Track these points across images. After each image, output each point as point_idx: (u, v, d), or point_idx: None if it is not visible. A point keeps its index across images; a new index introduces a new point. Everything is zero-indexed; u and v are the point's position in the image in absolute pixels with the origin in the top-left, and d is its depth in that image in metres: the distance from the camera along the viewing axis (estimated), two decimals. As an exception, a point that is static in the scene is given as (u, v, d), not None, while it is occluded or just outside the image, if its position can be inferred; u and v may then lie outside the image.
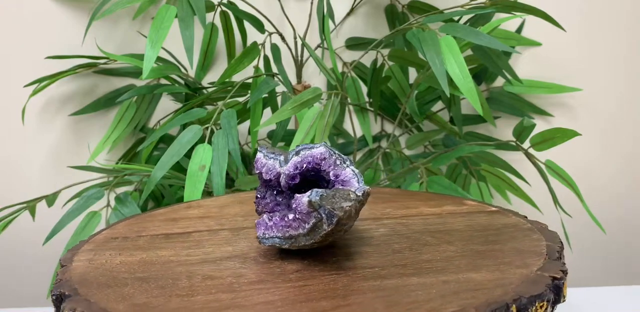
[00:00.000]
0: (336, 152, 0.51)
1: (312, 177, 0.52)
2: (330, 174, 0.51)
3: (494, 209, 0.59)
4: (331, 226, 0.45)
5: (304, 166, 0.51)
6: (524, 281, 0.42)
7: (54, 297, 0.45)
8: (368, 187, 0.48)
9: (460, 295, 0.40)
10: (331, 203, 0.45)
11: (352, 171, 0.51)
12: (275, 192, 0.53)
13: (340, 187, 0.50)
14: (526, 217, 0.57)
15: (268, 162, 0.52)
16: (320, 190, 0.46)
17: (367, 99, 1.03)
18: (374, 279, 0.44)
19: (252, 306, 0.41)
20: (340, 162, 0.51)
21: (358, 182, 0.50)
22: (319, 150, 0.51)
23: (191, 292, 0.43)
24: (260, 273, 0.47)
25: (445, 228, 0.54)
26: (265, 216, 0.49)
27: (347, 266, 0.47)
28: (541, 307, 0.40)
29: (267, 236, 0.49)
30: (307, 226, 0.46)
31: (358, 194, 0.47)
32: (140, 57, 0.99)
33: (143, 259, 0.51)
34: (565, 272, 0.44)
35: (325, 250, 0.51)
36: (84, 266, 0.50)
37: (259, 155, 0.53)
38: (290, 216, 0.47)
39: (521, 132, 0.81)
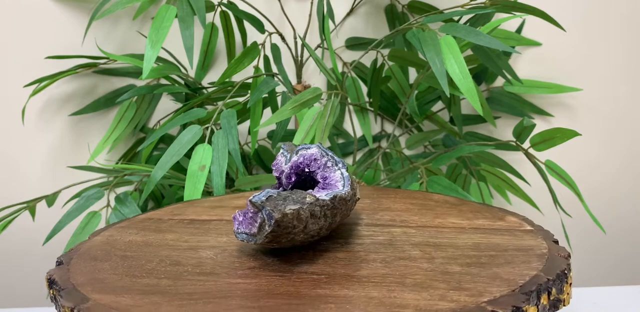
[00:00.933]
0: (329, 154, 0.51)
1: (308, 177, 0.53)
2: (319, 175, 0.51)
3: (528, 228, 0.55)
4: (271, 227, 0.45)
5: (298, 165, 0.52)
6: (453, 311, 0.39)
7: (57, 262, 0.51)
8: (347, 192, 0.48)
9: None
10: (274, 205, 0.45)
11: (341, 174, 0.51)
12: (282, 189, 0.53)
13: (322, 189, 0.50)
14: (557, 242, 0.52)
15: (279, 160, 0.53)
16: (273, 190, 0.47)
17: (367, 99, 1.03)
18: (307, 285, 0.44)
19: (173, 295, 0.43)
20: (332, 165, 0.51)
21: (343, 186, 0.50)
22: (312, 151, 0.52)
23: (145, 275, 0.47)
24: (219, 266, 0.49)
25: (445, 243, 0.52)
26: (239, 211, 0.50)
27: (300, 269, 0.47)
28: None
29: (239, 231, 0.49)
30: (255, 225, 0.46)
31: (319, 197, 0.47)
32: (140, 57, 0.99)
33: (147, 240, 0.55)
34: (520, 310, 0.40)
35: (302, 251, 0.51)
36: (100, 240, 0.55)
37: (279, 151, 0.55)
38: (249, 214, 0.48)
39: (521, 132, 0.81)
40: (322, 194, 0.48)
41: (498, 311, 0.39)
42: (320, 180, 0.51)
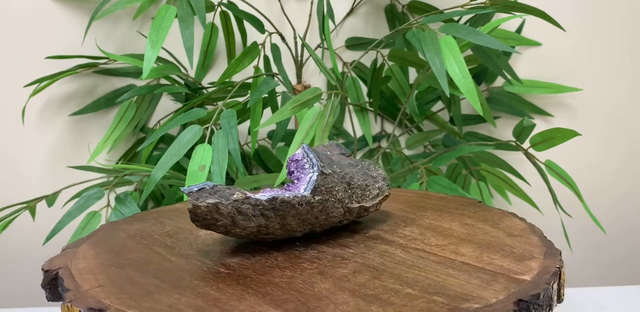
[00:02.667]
0: (311, 156, 0.52)
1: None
2: (294, 176, 0.52)
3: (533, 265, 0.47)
4: (190, 216, 0.48)
5: (290, 164, 0.53)
6: None
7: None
8: (299, 195, 0.49)
9: None
10: (197, 196, 0.48)
11: (311, 177, 0.51)
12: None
13: (285, 190, 0.52)
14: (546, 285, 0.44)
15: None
16: (211, 184, 0.49)
17: (367, 99, 1.03)
18: (231, 290, 0.44)
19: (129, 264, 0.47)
20: (309, 167, 0.52)
21: (304, 190, 0.51)
22: (298, 151, 0.53)
23: (124, 258, 0.51)
24: (187, 250, 0.52)
25: (408, 265, 0.47)
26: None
27: (250, 269, 0.48)
28: None
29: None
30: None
31: (252, 196, 0.48)
32: (140, 57, 0.99)
33: (163, 228, 0.59)
34: None
35: (274, 251, 0.52)
36: (133, 228, 0.59)
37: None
38: None
39: (521, 132, 0.81)
40: (264, 194, 0.49)
41: None
42: (295, 180, 0.52)
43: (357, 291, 0.43)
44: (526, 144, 0.94)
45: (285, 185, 0.52)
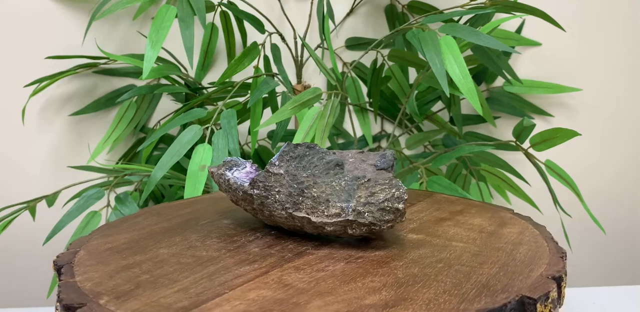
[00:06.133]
0: (277, 153, 0.55)
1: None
2: None
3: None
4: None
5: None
6: None
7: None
8: (237, 180, 0.54)
9: None
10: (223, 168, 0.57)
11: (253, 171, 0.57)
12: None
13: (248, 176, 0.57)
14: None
15: None
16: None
17: (367, 99, 1.03)
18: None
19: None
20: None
21: (247, 181, 0.55)
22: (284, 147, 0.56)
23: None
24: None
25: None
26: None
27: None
28: None
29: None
30: None
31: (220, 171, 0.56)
32: (140, 57, 0.99)
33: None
34: None
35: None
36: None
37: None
38: None
39: (521, 132, 0.81)
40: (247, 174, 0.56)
41: None
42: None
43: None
44: (526, 144, 0.94)
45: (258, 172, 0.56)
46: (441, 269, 0.47)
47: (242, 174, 0.56)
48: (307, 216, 0.51)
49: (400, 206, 0.49)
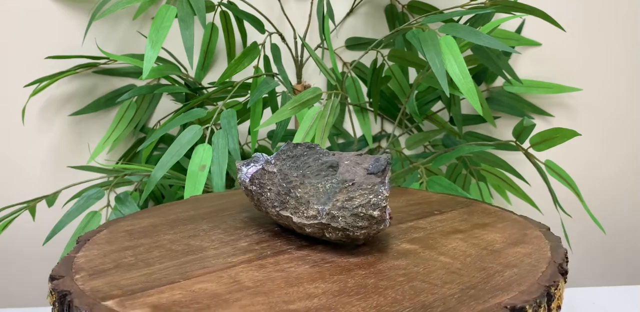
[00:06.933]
0: (276, 151, 0.56)
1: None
2: None
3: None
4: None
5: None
6: None
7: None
8: (240, 174, 0.55)
9: None
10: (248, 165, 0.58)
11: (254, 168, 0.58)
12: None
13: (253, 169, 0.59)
14: None
15: None
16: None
17: (367, 99, 1.03)
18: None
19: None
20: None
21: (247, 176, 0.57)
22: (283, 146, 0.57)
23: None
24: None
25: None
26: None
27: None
28: None
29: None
30: None
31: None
32: (140, 57, 0.99)
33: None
34: None
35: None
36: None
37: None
38: None
39: (521, 132, 0.81)
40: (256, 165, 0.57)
41: None
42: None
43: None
44: (526, 144, 0.94)
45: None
46: (397, 283, 0.44)
47: (254, 169, 0.56)
48: (290, 215, 0.51)
49: (376, 213, 0.47)
